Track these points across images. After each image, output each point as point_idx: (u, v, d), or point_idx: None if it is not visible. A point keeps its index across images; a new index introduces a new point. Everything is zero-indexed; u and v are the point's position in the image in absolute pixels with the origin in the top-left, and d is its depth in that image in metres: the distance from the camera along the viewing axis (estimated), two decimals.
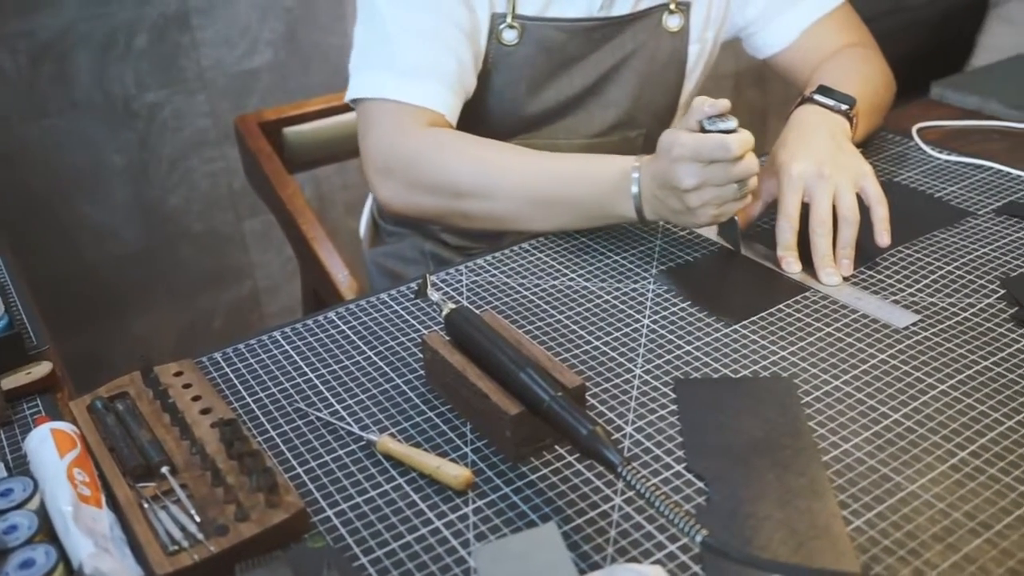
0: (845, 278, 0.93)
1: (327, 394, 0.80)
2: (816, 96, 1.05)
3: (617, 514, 0.65)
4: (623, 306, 0.91)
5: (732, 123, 0.86)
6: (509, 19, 1.09)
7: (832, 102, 1.04)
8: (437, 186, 1.01)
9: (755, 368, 0.80)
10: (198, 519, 0.63)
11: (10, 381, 0.80)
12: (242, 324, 2.21)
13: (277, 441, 0.75)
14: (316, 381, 0.82)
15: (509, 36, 1.09)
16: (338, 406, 0.79)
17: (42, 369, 0.82)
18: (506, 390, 0.71)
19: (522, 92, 1.13)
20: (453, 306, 0.79)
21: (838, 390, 0.77)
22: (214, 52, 1.96)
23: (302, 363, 0.85)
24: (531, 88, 1.13)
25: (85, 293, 1.99)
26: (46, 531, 0.63)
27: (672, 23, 1.16)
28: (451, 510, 0.67)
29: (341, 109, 1.54)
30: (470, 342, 0.76)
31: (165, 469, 0.68)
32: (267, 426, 0.77)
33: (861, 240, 0.93)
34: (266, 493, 0.64)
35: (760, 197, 1.00)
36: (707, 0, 1.17)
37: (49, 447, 0.68)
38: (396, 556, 0.63)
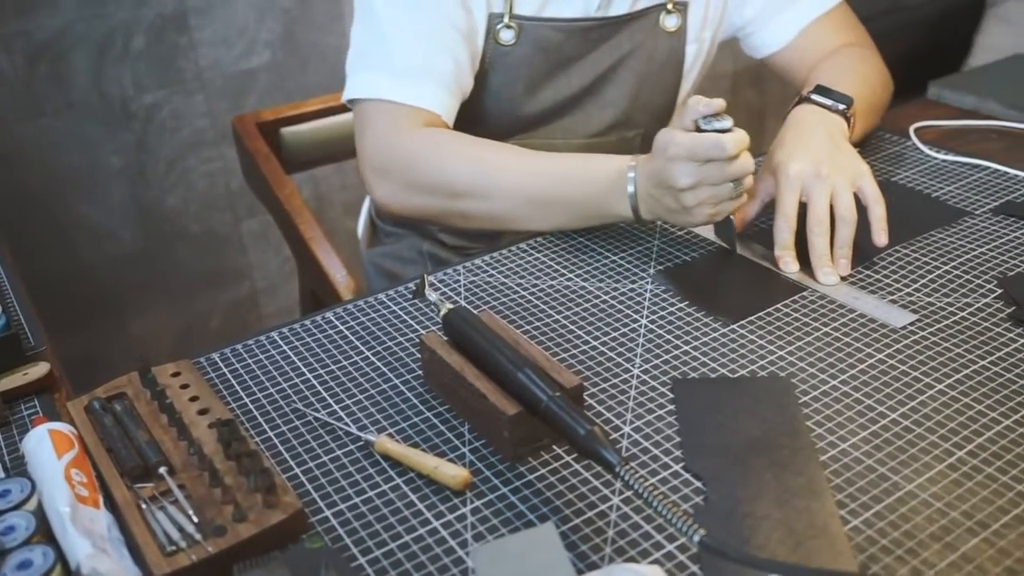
0: (843, 278, 0.93)
1: (325, 394, 0.80)
2: (813, 96, 1.05)
3: (615, 514, 0.65)
4: (621, 306, 0.91)
5: (727, 122, 0.86)
6: (506, 19, 1.09)
7: (830, 102, 1.04)
8: (433, 186, 1.01)
9: (753, 368, 0.80)
10: (196, 520, 0.63)
11: (7, 382, 0.80)
12: (240, 324, 2.21)
13: (275, 441, 0.75)
14: (314, 381, 0.82)
15: (506, 36, 1.09)
16: (336, 406, 0.79)
17: (39, 370, 0.82)
18: (504, 390, 0.71)
19: (519, 92, 1.13)
20: (451, 306, 0.79)
21: (836, 390, 0.77)
22: (212, 52, 1.96)
23: (300, 363, 0.85)
24: (528, 88, 1.13)
25: (83, 294, 1.99)
26: (44, 532, 0.62)
27: (669, 23, 1.16)
28: (449, 510, 0.67)
29: (339, 109, 1.54)
30: (468, 342, 0.76)
31: (163, 470, 0.68)
32: (265, 426, 0.77)
33: (859, 240, 0.93)
34: (264, 494, 0.64)
35: (758, 197, 1.00)
36: (704, 0, 1.18)
37: (47, 448, 0.68)
38: (394, 556, 0.63)
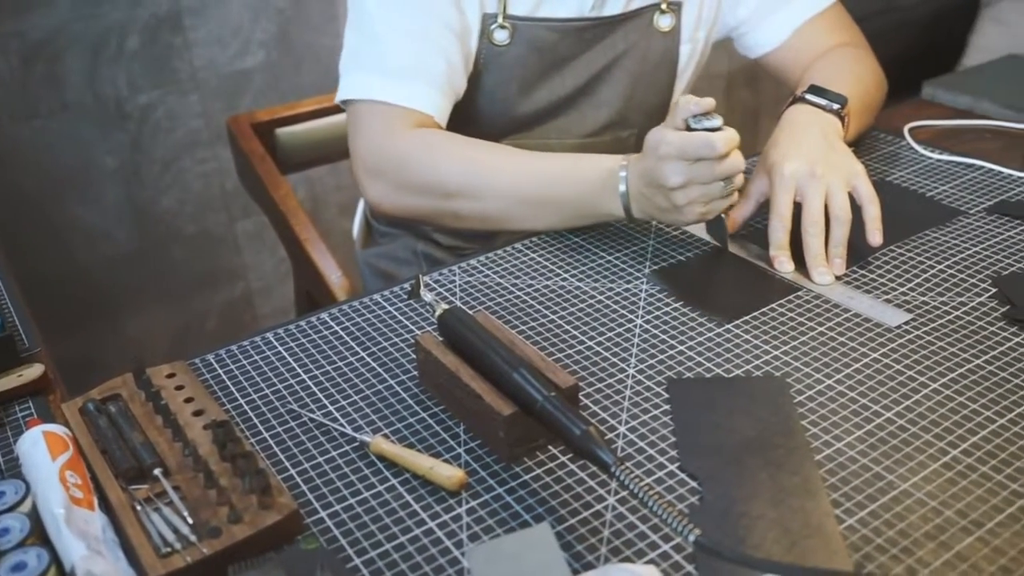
0: (837, 277, 0.93)
1: (320, 395, 0.80)
2: (808, 95, 1.05)
3: (611, 514, 0.66)
4: (616, 306, 0.91)
5: (717, 121, 0.86)
6: (500, 19, 1.09)
7: (824, 101, 1.04)
8: (426, 187, 1.01)
9: (748, 368, 0.81)
10: (191, 521, 0.63)
11: (2, 383, 0.80)
12: (235, 325, 2.21)
13: (270, 442, 0.75)
14: (309, 382, 0.82)
15: (500, 36, 1.09)
16: (331, 407, 0.79)
17: (34, 371, 0.82)
18: (499, 390, 0.71)
19: (513, 92, 1.13)
20: (446, 307, 0.79)
21: (831, 389, 0.77)
22: (206, 53, 1.95)
23: (295, 364, 0.85)
24: (522, 88, 1.13)
25: (77, 295, 1.98)
26: (38, 534, 0.62)
27: (663, 23, 1.16)
28: (444, 511, 0.67)
29: (334, 110, 1.54)
30: (463, 343, 0.76)
31: (158, 471, 0.68)
32: (260, 427, 0.77)
33: (853, 239, 0.93)
34: (259, 495, 0.64)
35: (752, 197, 1.00)
36: (698, 0, 1.18)
37: (41, 449, 0.68)
38: (390, 557, 0.63)
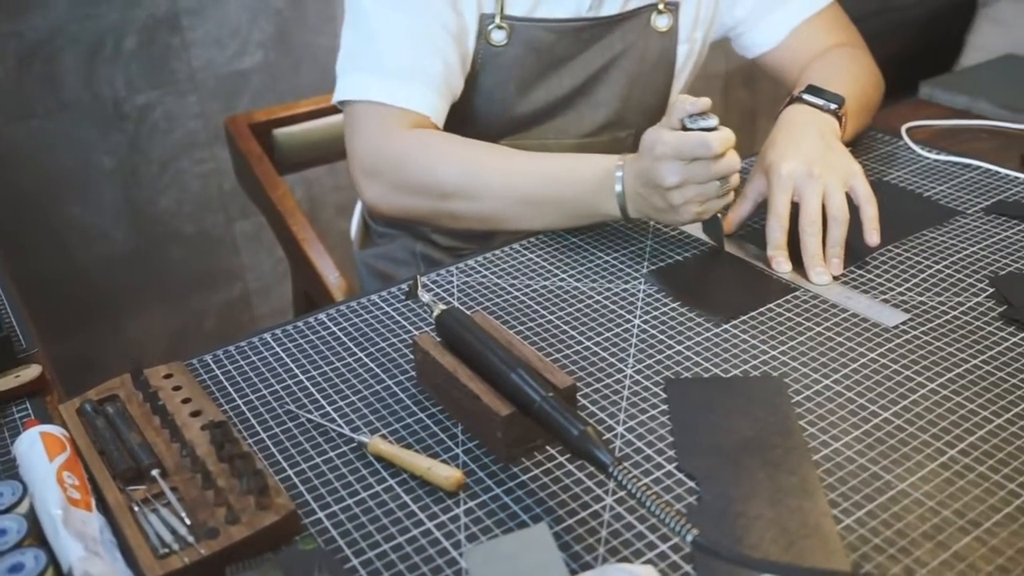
0: (835, 277, 0.93)
1: (318, 396, 0.80)
2: (805, 95, 1.05)
3: (608, 514, 0.66)
4: (614, 306, 0.91)
5: (713, 121, 0.87)
6: (497, 19, 1.09)
7: (821, 101, 1.04)
8: (423, 187, 1.02)
9: (745, 368, 0.81)
10: (188, 522, 0.63)
11: None
12: (233, 326, 2.21)
13: (268, 443, 0.75)
14: (307, 383, 0.82)
15: (498, 37, 1.09)
16: (329, 408, 0.79)
17: (31, 372, 0.82)
18: (497, 391, 0.71)
19: (511, 93, 1.13)
20: (444, 307, 0.79)
21: (828, 389, 0.77)
22: (204, 53, 1.95)
23: (293, 365, 0.85)
24: (520, 89, 1.13)
25: (75, 295, 1.98)
26: (35, 535, 0.62)
27: (661, 23, 1.16)
28: (442, 511, 0.67)
29: (331, 110, 1.54)
30: (461, 343, 0.76)
31: (155, 472, 0.68)
32: (258, 428, 0.77)
33: (851, 239, 0.94)
34: (256, 495, 0.64)
35: (750, 197, 1.00)
36: (696, 0, 1.18)
37: (38, 450, 0.67)
38: (387, 558, 0.63)
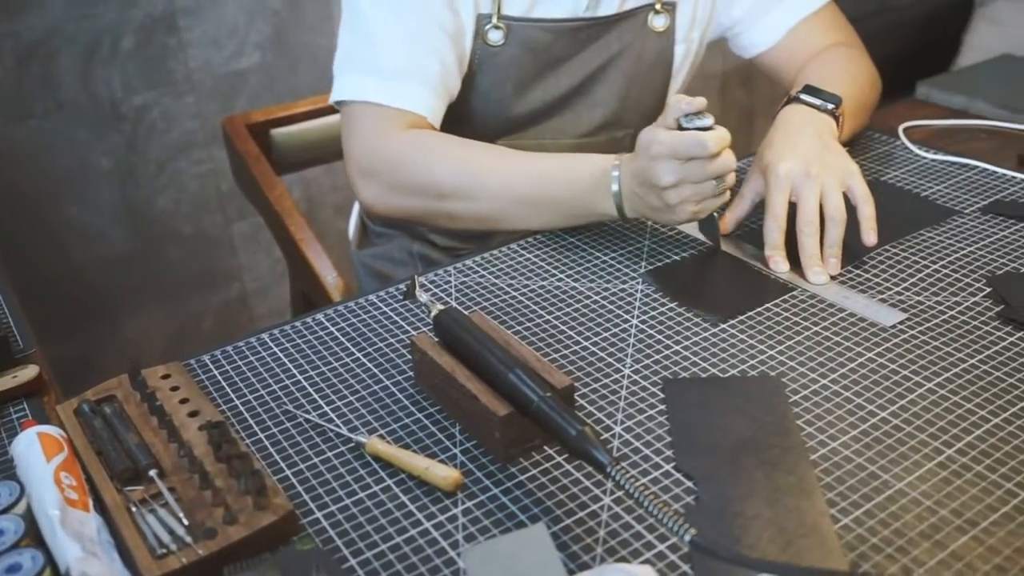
0: (832, 277, 0.93)
1: (316, 396, 0.80)
2: (802, 96, 1.05)
3: (606, 514, 0.66)
4: (612, 306, 0.91)
5: (708, 120, 0.87)
6: (495, 20, 1.09)
7: (819, 101, 1.04)
8: (420, 187, 1.02)
9: (743, 367, 0.81)
10: (186, 522, 0.63)
11: None
12: (231, 326, 2.21)
13: (266, 443, 0.75)
14: (305, 383, 0.82)
15: (495, 37, 1.09)
16: (327, 408, 0.79)
17: (28, 372, 0.82)
18: (495, 391, 0.71)
19: (508, 93, 1.13)
20: (442, 307, 0.79)
21: (826, 388, 0.77)
22: (201, 54, 1.95)
23: (291, 365, 0.85)
24: (517, 89, 1.13)
25: (73, 295, 1.98)
26: (33, 535, 0.62)
27: (658, 23, 1.16)
28: (440, 511, 0.67)
29: (329, 111, 1.54)
30: (459, 343, 0.76)
31: (153, 472, 0.68)
32: (255, 428, 0.77)
33: (848, 239, 0.94)
34: (254, 496, 0.64)
35: (747, 197, 1.00)
36: (693, 0, 1.18)
37: (36, 451, 0.67)
38: (385, 558, 0.63)
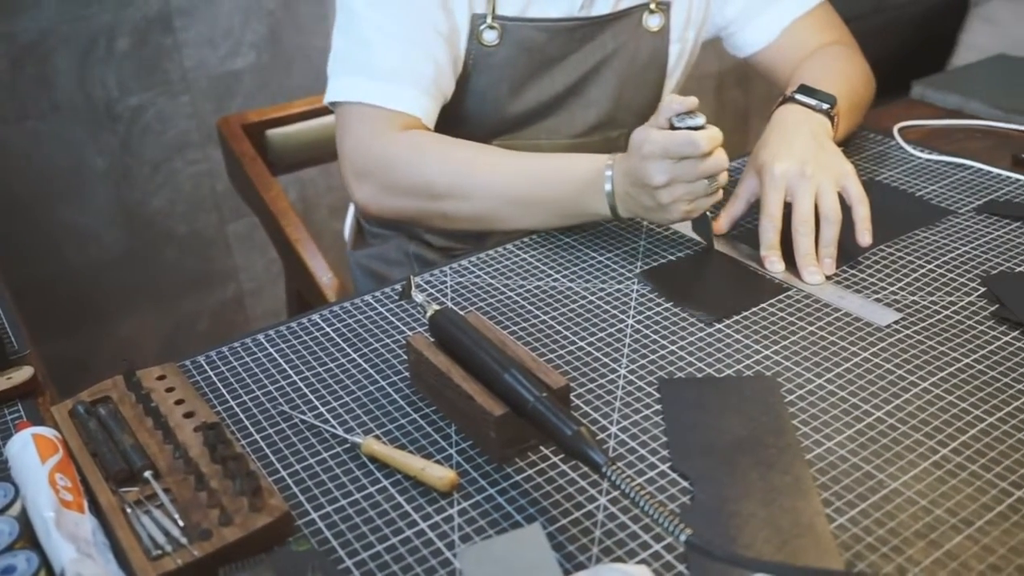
0: (828, 277, 0.93)
1: (311, 397, 0.80)
2: (797, 95, 1.05)
3: (602, 514, 0.66)
4: (607, 306, 0.91)
5: (700, 120, 0.87)
6: (489, 20, 1.09)
7: (813, 101, 1.04)
8: (414, 188, 1.02)
9: (739, 367, 0.81)
10: (181, 523, 0.63)
11: None
12: (227, 327, 2.20)
13: (261, 444, 0.75)
14: (300, 384, 0.82)
15: (489, 37, 1.09)
16: (322, 408, 0.79)
17: (23, 374, 0.81)
18: (491, 391, 0.71)
19: (503, 93, 1.13)
20: (437, 307, 0.79)
21: (821, 388, 0.77)
22: (196, 54, 1.95)
23: (286, 366, 0.85)
24: (512, 89, 1.13)
25: (68, 296, 1.98)
26: (27, 537, 0.62)
27: (652, 23, 1.16)
28: (436, 512, 0.67)
29: (324, 111, 1.53)
30: (455, 343, 0.76)
31: (148, 473, 0.68)
32: (251, 429, 0.77)
33: (843, 239, 0.94)
34: (250, 497, 0.64)
35: (743, 196, 1.01)
36: (687, 0, 1.18)
37: (30, 452, 0.67)
38: (381, 558, 0.63)
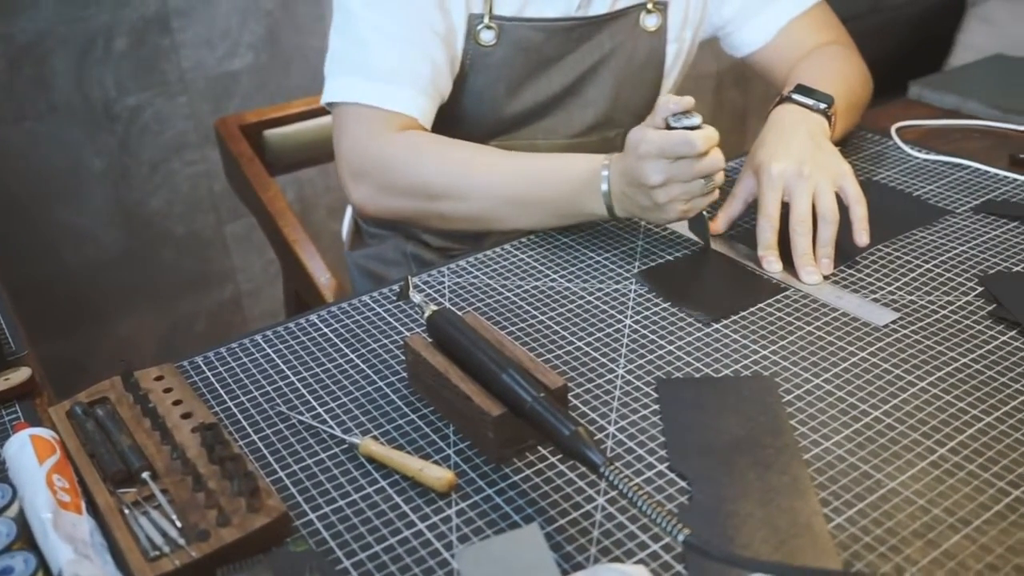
0: (825, 277, 0.93)
1: (309, 397, 0.80)
2: (795, 95, 1.05)
3: (600, 514, 0.66)
4: (605, 306, 0.91)
5: (696, 119, 0.87)
6: (486, 20, 1.09)
7: (811, 101, 1.04)
8: (411, 189, 1.02)
9: (736, 367, 0.81)
10: (179, 524, 0.63)
11: None
12: (225, 327, 2.20)
13: (259, 445, 0.75)
14: (298, 384, 0.82)
15: (487, 37, 1.09)
16: (320, 409, 0.79)
17: (21, 375, 0.81)
18: (488, 392, 0.71)
19: (501, 93, 1.13)
20: (435, 308, 0.79)
21: (819, 388, 0.77)
22: (194, 54, 1.95)
23: (284, 366, 0.85)
24: (509, 89, 1.13)
25: (66, 297, 1.98)
26: (25, 538, 0.62)
27: (650, 23, 1.16)
28: (434, 512, 0.67)
29: (322, 112, 1.53)
30: (452, 344, 0.76)
31: (146, 474, 0.68)
32: (249, 430, 0.76)
33: (841, 239, 0.94)
34: (247, 497, 0.64)
35: (740, 196, 1.01)
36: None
37: (28, 453, 0.67)
38: (379, 559, 0.63)
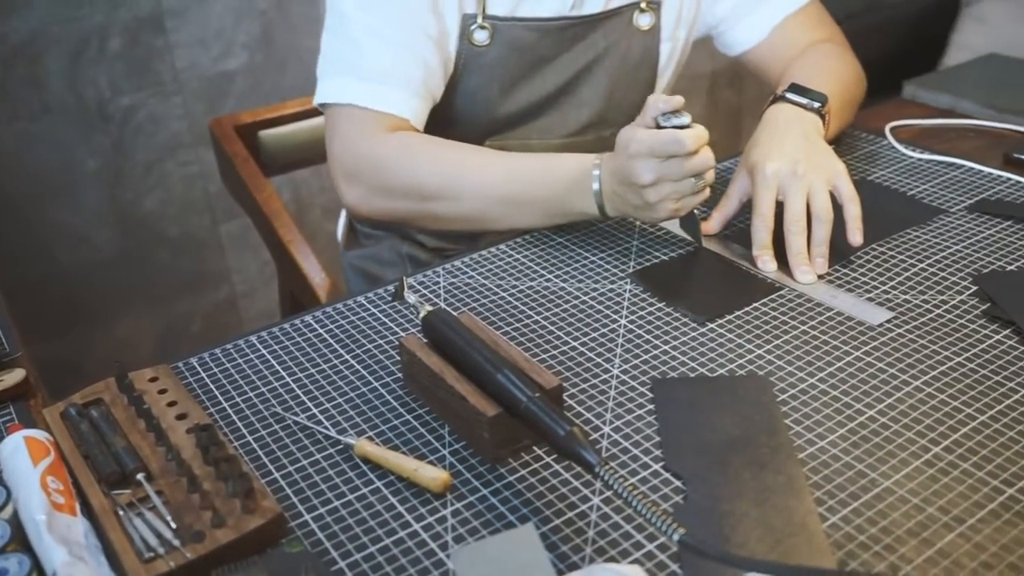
0: (820, 276, 0.93)
1: (304, 398, 0.80)
2: (789, 94, 1.05)
3: (595, 514, 0.66)
4: (600, 306, 0.91)
5: (686, 118, 0.88)
6: (480, 20, 1.09)
7: (805, 100, 1.05)
8: (404, 189, 1.02)
9: (731, 367, 0.81)
10: (174, 526, 0.63)
11: None
12: (220, 328, 2.20)
13: (254, 446, 0.75)
14: (293, 385, 0.82)
15: (480, 37, 1.09)
16: (315, 410, 0.78)
17: (15, 376, 0.81)
18: (484, 392, 0.71)
19: (495, 93, 1.13)
20: (430, 308, 0.79)
21: (813, 387, 0.77)
22: (188, 55, 1.94)
23: (279, 367, 0.85)
24: (503, 89, 1.13)
25: (60, 298, 1.97)
26: (19, 540, 0.62)
27: (643, 22, 1.16)
28: (429, 512, 0.67)
29: (317, 112, 1.52)
30: (447, 344, 0.76)
31: (140, 476, 0.68)
32: (244, 431, 0.76)
33: (835, 238, 0.94)
34: (242, 498, 0.64)
35: (734, 196, 1.01)
36: None
37: (22, 455, 0.67)
38: (374, 560, 0.63)
